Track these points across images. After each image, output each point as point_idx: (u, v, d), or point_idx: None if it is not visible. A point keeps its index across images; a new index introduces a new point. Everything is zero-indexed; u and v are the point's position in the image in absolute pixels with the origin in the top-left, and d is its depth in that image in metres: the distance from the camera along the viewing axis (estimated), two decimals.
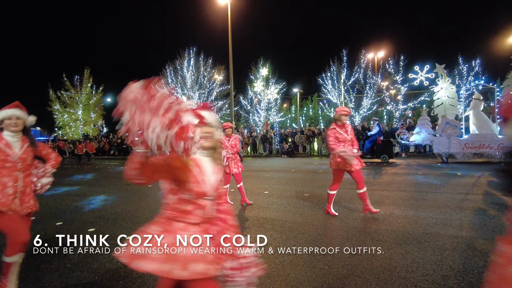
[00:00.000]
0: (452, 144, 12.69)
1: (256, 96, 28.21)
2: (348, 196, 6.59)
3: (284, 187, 8.11)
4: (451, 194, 6.48)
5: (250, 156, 22.06)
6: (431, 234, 4.11)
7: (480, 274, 2.96)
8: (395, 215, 5.06)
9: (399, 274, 3.03)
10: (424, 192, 6.83)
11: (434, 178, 8.88)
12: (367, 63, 25.81)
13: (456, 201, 5.87)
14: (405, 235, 4.09)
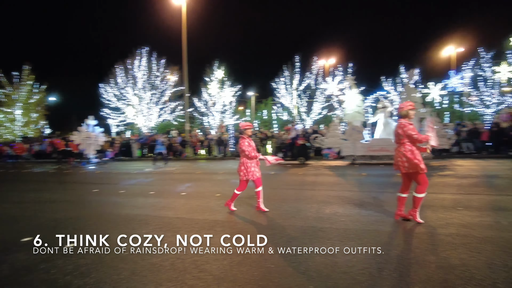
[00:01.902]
0: (357, 147, 14.05)
1: (211, 98, 28.07)
2: (298, 197, 6.83)
3: None
4: (391, 194, 6.99)
5: (205, 159, 21.86)
6: (371, 230, 4.43)
7: (411, 264, 3.26)
8: (339, 213, 5.36)
9: (340, 269, 3.23)
10: (367, 192, 7.30)
11: (375, 178, 9.52)
12: (318, 69, 26.91)
13: (394, 199, 6.35)
14: (347, 232, 4.36)
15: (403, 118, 4.80)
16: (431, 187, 7.67)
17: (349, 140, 14.43)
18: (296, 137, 15.36)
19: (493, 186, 7.66)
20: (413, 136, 4.62)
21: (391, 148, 13.18)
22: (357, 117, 15.22)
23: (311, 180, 9.87)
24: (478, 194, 6.67)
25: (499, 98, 23.73)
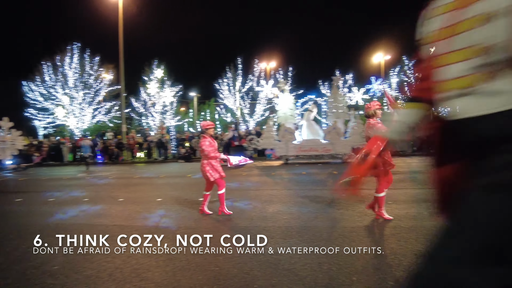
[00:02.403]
0: (289, 148, 14.84)
1: (151, 98, 26.95)
2: (243, 197, 6.86)
3: (179, 193, 7.96)
4: (327, 191, 7.38)
5: (144, 162, 20.92)
6: (311, 227, 4.62)
7: (348, 257, 3.45)
8: (282, 212, 5.51)
9: (283, 267, 3.31)
10: (306, 190, 7.62)
11: (313, 176, 9.99)
12: (260, 71, 27.44)
13: (330, 197, 6.72)
14: (289, 229, 4.48)
15: (371, 118, 4.95)
16: (370, 183, 8.30)
17: (282, 141, 15.12)
18: (233, 138, 15.57)
19: (417, 181, 8.50)
20: None
21: (319, 148, 14.72)
22: (289, 119, 15.95)
23: (255, 180, 10.00)
24: (405, 189, 7.34)
25: None
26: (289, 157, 15.12)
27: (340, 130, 15.07)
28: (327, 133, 15.20)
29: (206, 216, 5.50)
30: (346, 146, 14.89)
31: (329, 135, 15.07)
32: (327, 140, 15.09)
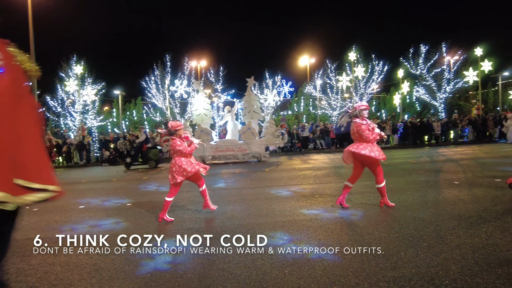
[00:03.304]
0: (206, 149, 15.04)
1: (69, 96, 24.53)
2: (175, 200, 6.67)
3: (103, 199, 7.41)
4: (260, 189, 7.59)
5: (63, 167, 18.99)
6: (244, 225, 4.69)
7: (280, 251, 3.59)
8: (215, 212, 5.49)
9: (217, 266, 3.31)
10: (239, 188, 7.72)
11: (244, 176, 10.16)
12: (190, 70, 26.87)
13: (263, 194, 6.92)
14: (223, 228, 4.49)
15: (356, 118, 5.16)
16: (293, 179, 8.73)
17: None
18: (145, 141, 15.04)
19: (340, 175, 9.20)
20: (364, 135, 5.03)
21: (235, 148, 15.07)
22: (205, 119, 16.00)
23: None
24: (330, 183, 7.89)
25: (341, 103, 28.67)
26: (206, 158, 15.12)
27: (255, 130, 15.36)
28: (242, 133, 15.43)
29: (138, 221, 5.22)
30: (260, 145, 15.23)
31: (244, 135, 15.31)
32: (242, 140, 15.32)
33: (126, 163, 15.27)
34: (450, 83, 26.40)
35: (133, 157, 15.16)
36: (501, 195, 5.62)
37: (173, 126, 5.24)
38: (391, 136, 20.26)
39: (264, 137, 15.64)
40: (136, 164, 15.21)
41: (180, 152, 5.15)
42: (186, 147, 5.19)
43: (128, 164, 15.14)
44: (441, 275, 2.82)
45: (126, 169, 14.79)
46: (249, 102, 15.85)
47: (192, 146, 5.24)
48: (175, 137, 5.21)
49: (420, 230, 4.00)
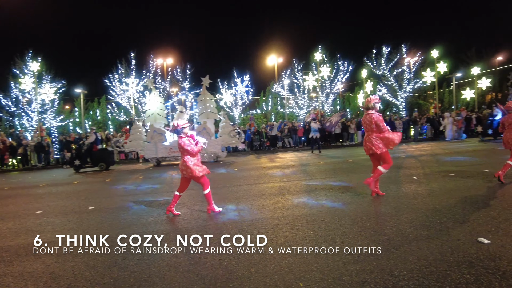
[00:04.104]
0: (159, 149, 14.67)
1: (25, 95, 23.04)
2: (140, 203, 6.48)
3: (63, 203, 7.06)
4: (227, 188, 7.56)
5: (19, 170, 17.84)
6: (211, 225, 4.66)
7: (245, 250, 3.59)
8: (183, 213, 5.40)
9: (183, 268, 3.25)
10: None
11: (212, 176, 10.09)
12: (155, 68, 26.20)
13: (231, 193, 6.90)
14: (189, 230, 4.43)
15: (370, 110, 5.56)
16: (261, 178, 8.78)
17: (151, 142, 14.70)
18: (96, 142, 14.43)
19: (307, 172, 9.38)
20: (380, 125, 5.45)
21: None
22: (159, 119, 15.59)
23: (147, 182, 9.55)
24: (296, 180, 8.02)
25: (308, 102, 29.23)
26: (160, 159, 14.73)
27: (211, 130, 14.98)
28: (197, 133, 15.09)
29: (100, 225, 5.01)
30: (216, 145, 14.91)
31: (199, 135, 15.02)
32: None
33: (74, 165, 14.37)
34: (410, 83, 27.74)
35: (82, 159, 14.35)
36: (454, 188, 5.99)
37: (179, 125, 5.23)
38: (355, 134, 20.95)
39: (220, 137, 15.39)
40: (86, 167, 14.44)
41: (187, 151, 5.14)
42: (194, 146, 5.18)
43: (77, 167, 14.30)
44: (399, 266, 2.96)
45: (75, 172, 13.99)
46: (204, 101, 15.55)
47: (198, 145, 5.26)
48: (182, 136, 5.20)
49: (381, 224, 4.17)
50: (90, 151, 14.35)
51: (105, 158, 14.55)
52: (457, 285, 2.58)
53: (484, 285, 2.56)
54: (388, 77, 28.03)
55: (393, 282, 2.69)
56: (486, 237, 3.46)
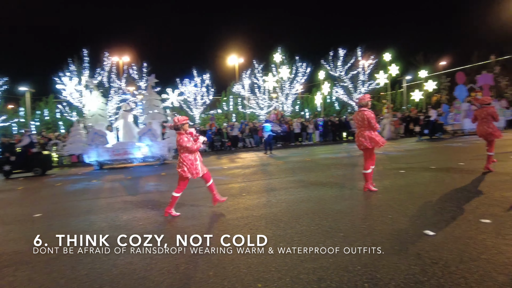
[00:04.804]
0: (100, 152, 13.91)
1: None
2: (91, 209, 6.13)
3: (4, 212, 6.48)
4: (185, 190, 7.39)
5: None
6: (168, 229, 4.52)
7: (203, 255, 3.52)
8: (137, 218, 5.19)
9: (138, 275, 3.11)
10: (164, 191, 7.43)
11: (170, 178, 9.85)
12: (110, 66, 25.04)
13: (190, 195, 6.76)
14: (142, 232, 4.25)
15: (364, 107, 5.85)
16: (222, 178, 8.70)
17: (92, 145, 13.91)
18: (29, 145, 13.17)
19: (267, 172, 9.46)
20: (372, 122, 5.70)
21: (135, 151, 14.06)
22: (100, 120, 14.78)
23: (100, 188, 9.11)
24: (257, 180, 8.05)
25: (269, 102, 29.58)
26: (103, 162, 14.00)
27: (156, 131, 14.40)
28: (142, 135, 14.32)
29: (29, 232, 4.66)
30: (163, 147, 14.28)
31: (144, 137, 14.22)
32: (143, 142, 14.22)
33: (4, 171, 12.87)
34: (365, 85, 29.12)
35: (14, 163, 12.90)
36: (404, 184, 6.36)
37: (179, 120, 5.04)
38: (313, 134, 21.54)
39: (168, 138, 14.64)
40: (19, 172, 13.12)
41: (186, 148, 4.97)
42: (193, 144, 5.02)
43: (7, 172, 12.89)
44: (354, 262, 3.06)
45: (6, 178, 12.68)
46: (150, 101, 14.87)
47: (198, 143, 5.07)
48: (182, 132, 5.01)
49: (338, 222, 4.30)
50: (24, 155, 12.98)
51: (41, 162, 13.36)
52: (405, 276, 2.72)
53: (429, 274, 2.72)
54: (344, 79, 29.16)
55: (348, 278, 2.77)
56: (431, 230, 3.69)
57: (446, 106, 20.38)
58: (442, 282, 2.60)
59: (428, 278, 2.66)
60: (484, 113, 7.03)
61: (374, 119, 5.80)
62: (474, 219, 3.98)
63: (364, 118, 5.79)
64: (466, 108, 18.76)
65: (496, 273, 2.68)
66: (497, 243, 3.26)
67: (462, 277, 2.64)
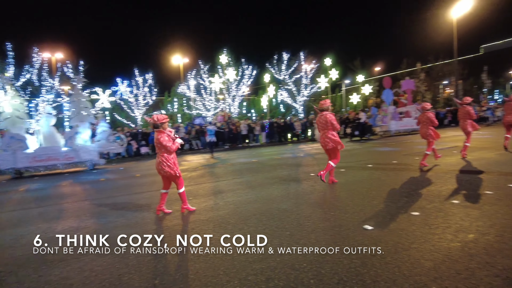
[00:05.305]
0: (19, 159, 12.57)
1: None
2: (20, 220, 5.52)
3: None
4: (128, 196, 7.03)
5: None
6: (113, 236, 4.24)
7: (150, 261, 3.37)
8: (74, 227, 4.80)
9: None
10: (101, 198, 6.99)
11: (108, 184, 9.30)
12: (41, 63, 22.87)
13: (134, 200, 6.44)
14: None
15: (325, 111, 6.46)
16: (155, 184, 8.43)
17: (8, 150, 12.54)
18: None
19: (214, 175, 9.37)
20: (334, 124, 6.37)
21: (60, 156, 13.12)
22: (18, 123, 13.29)
23: (33, 197, 8.29)
24: (204, 183, 7.93)
25: (215, 104, 29.39)
26: (21, 169, 12.70)
27: (84, 134, 13.52)
28: (68, 139, 13.39)
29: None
30: (92, 152, 13.45)
31: (70, 141, 13.27)
32: (69, 147, 13.22)
33: None
34: (307, 88, 30.34)
35: None
36: (345, 182, 6.73)
37: (159, 119, 4.97)
38: (260, 135, 21.87)
39: (97, 142, 13.83)
40: None
41: (165, 148, 4.94)
42: (173, 144, 5.00)
43: None
44: (300, 259, 3.16)
45: None
46: (77, 103, 13.77)
47: (176, 143, 5.05)
48: (162, 131, 4.96)
49: (284, 220, 4.40)
50: None
51: None
52: (348, 270, 2.87)
53: (368, 266, 2.91)
54: (288, 82, 30.10)
55: (295, 276, 2.85)
56: (369, 224, 3.96)
57: (375, 109, 22.04)
58: (380, 272, 2.79)
59: (367, 270, 2.84)
60: (425, 118, 7.92)
61: (335, 121, 6.45)
62: (405, 213, 4.36)
63: (327, 120, 6.41)
64: (392, 111, 20.51)
65: (424, 260, 2.95)
66: (424, 232, 3.60)
67: (396, 266, 2.87)
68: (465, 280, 2.58)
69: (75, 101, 13.89)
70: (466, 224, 3.78)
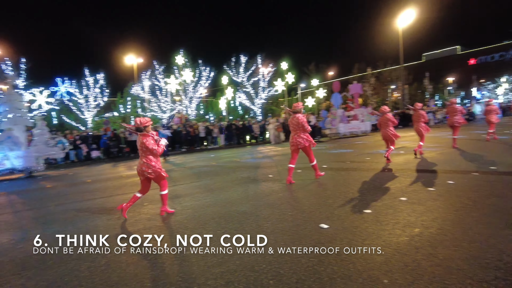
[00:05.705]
0: None
1: None
2: None
3: None
4: (79, 203, 6.62)
5: None
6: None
7: (118, 268, 3.19)
8: (15, 240, 4.41)
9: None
10: (48, 207, 6.51)
11: (59, 190, 8.71)
12: None
13: (85, 208, 6.07)
14: (25, 260, 3.64)
15: (297, 113, 6.76)
16: (119, 188, 8.06)
17: None
18: None
19: (171, 179, 9.11)
20: (305, 126, 6.67)
21: None
22: None
23: None
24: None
25: (172, 105, 28.68)
26: None
27: (18, 138, 12.46)
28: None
29: None
30: (28, 158, 12.41)
31: (2, 146, 12.21)
32: (1, 152, 12.21)
33: None
34: (265, 91, 30.77)
35: None
36: (302, 183, 6.90)
37: (142, 122, 4.92)
38: (218, 138, 21.72)
39: (35, 146, 12.82)
40: None
41: (152, 151, 4.88)
42: (158, 147, 4.95)
43: None
44: (259, 260, 3.18)
45: None
46: (11, 103, 12.74)
47: (161, 146, 4.98)
48: (147, 134, 4.90)
49: (243, 223, 4.41)
50: None
51: None
52: (306, 269, 2.94)
53: (325, 264, 3.01)
54: (246, 85, 30.28)
55: (254, 277, 2.86)
56: (325, 223, 4.09)
57: (325, 112, 23.00)
58: (336, 269, 2.90)
59: (324, 268, 2.94)
60: (384, 120, 8.54)
61: (306, 123, 6.76)
62: (359, 211, 4.57)
63: (298, 122, 6.70)
64: (341, 114, 21.54)
65: (376, 255, 3.11)
66: (376, 229, 3.80)
67: (351, 263, 3.00)
68: (412, 272, 2.76)
69: (7, 102, 12.69)
70: (412, 219, 4.05)
